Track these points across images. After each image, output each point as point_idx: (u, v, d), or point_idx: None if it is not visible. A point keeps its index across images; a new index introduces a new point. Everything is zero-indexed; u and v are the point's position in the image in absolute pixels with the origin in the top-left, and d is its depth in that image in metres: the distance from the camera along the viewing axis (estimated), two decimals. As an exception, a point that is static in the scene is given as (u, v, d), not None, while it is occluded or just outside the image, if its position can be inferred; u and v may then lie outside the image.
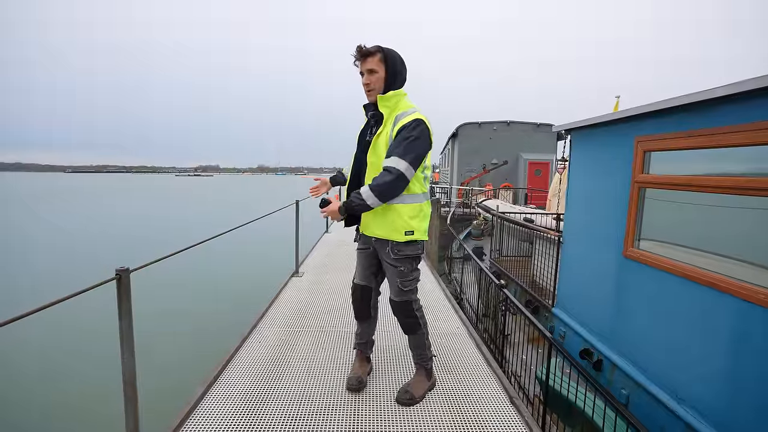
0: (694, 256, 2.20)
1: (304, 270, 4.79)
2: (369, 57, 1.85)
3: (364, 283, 2.16)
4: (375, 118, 1.96)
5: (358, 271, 2.18)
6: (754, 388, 1.76)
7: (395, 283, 2.02)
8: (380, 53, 1.86)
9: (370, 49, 1.85)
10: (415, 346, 2.15)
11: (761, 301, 1.72)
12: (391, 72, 1.88)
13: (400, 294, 2.03)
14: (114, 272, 1.51)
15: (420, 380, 2.15)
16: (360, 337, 2.28)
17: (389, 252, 1.96)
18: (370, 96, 1.93)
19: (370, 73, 1.87)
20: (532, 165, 16.32)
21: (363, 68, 1.88)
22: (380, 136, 1.90)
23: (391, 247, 1.95)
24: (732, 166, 2.02)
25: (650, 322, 2.45)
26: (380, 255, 2.03)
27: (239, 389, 2.17)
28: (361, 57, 1.86)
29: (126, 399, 1.57)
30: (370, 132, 1.99)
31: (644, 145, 2.55)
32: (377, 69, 1.86)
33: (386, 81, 1.89)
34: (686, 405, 2.10)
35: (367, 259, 2.12)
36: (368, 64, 1.86)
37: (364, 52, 1.85)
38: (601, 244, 3.00)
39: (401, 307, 2.05)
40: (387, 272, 2.05)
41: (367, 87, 1.90)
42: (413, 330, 2.11)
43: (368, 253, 2.10)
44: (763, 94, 1.73)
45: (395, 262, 1.97)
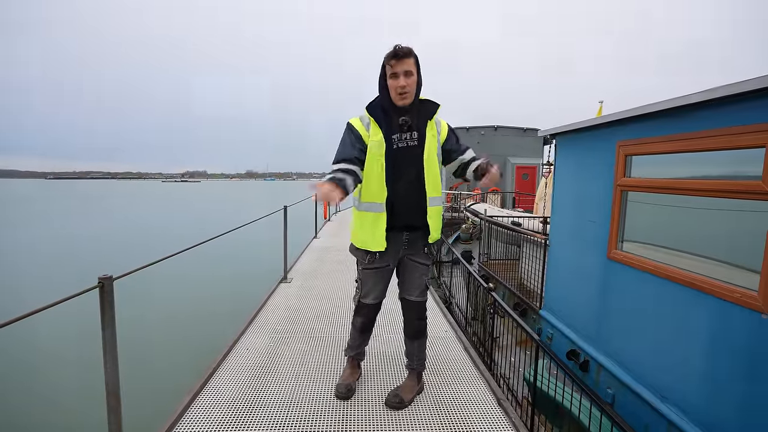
0: (675, 257, 2.26)
1: (293, 276, 4.76)
2: (407, 58, 1.73)
3: (380, 300, 2.08)
4: (407, 124, 1.82)
5: (376, 291, 2.03)
6: (734, 385, 1.81)
7: (423, 282, 2.03)
8: (414, 56, 1.76)
9: (410, 50, 1.74)
10: (419, 351, 2.12)
11: (738, 300, 1.78)
12: (420, 75, 1.81)
13: (424, 293, 2.06)
14: (97, 280, 1.49)
15: (412, 385, 2.15)
16: (359, 346, 2.22)
17: (429, 250, 2.01)
18: (404, 99, 1.78)
19: (407, 75, 1.74)
20: (520, 169, 16.55)
21: (399, 69, 1.73)
22: (430, 143, 1.86)
23: (429, 246, 2.00)
24: (709, 169, 2.08)
25: (634, 323, 2.50)
26: (407, 259, 1.99)
27: (227, 397, 2.14)
28: (400, 57, 1.72)
29: (109, 409, 1.54)
30: (400, 138, 1.84)
31: (626, 149, 2.61)
32: (413, 71, 1.76)
33: (418, 84, 1.81)
34: (669, 403, 2.14)
35: (385, 276, 2.03)
36: (406, 65, 1.73)
37: (404, 51, 1.72)
38: (586, 247, 3.06)
39: (422, 307, 2.08)
40: (413, 273, 2.01)
41: (402, 89, 1.75)
42: (424, 332, 2.11)
43: (387, 270, 2.02)
44: (735, 101, 1.79)
45: (428, 259, 2.03)
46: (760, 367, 1.69)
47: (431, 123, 1.89)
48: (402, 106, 1.80)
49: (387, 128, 1.83)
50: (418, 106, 1.84)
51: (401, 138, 1.84)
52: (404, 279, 2.05)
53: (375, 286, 2.02)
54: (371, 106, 1.87)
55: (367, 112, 1.87)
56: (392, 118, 1.83)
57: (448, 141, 1.96)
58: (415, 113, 1.84)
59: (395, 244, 1.94)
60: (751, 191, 1.72)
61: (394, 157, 1.83)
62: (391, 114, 1.83)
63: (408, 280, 2.03)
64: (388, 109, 1.83)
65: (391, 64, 1.74)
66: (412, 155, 1.84)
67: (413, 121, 1.83)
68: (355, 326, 2.16)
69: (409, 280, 2.02)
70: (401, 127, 1.83)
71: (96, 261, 12.54)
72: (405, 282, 2.05)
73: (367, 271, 2.00)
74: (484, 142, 17.06)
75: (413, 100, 1.81)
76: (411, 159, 1.85)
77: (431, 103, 1.90)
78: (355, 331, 2.17)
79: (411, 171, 1.85)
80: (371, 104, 1.88)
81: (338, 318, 3.40)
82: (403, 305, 2.09)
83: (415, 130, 1.84)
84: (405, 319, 2.11)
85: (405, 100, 1.79)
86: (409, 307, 2.06)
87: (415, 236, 1.95)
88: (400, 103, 1.79)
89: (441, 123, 1.97)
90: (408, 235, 1.94)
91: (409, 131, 1.84)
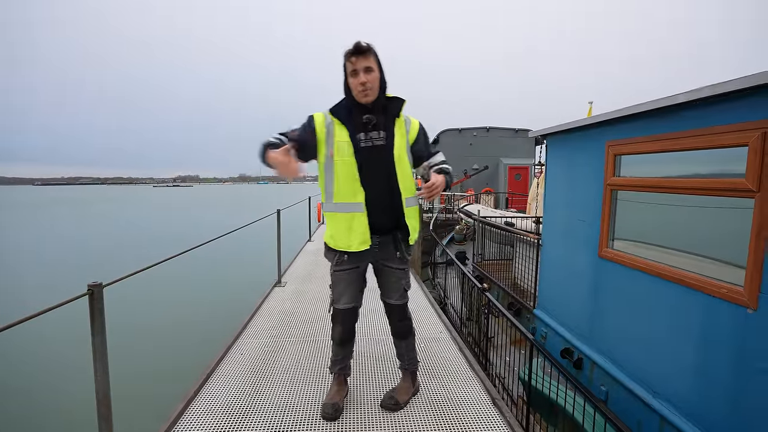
0: (665, 255, 2.29)
1: (287, 280, 4.74)
2: (367, 54, 1.69)
3: (354, 304, 1.99)
4: (372, 122, 1.78)
5: (348, 294, 1.96)
6: (724, 379, 1.83)
7: (400, 286, 1.98)
8: (374, 52, 1.72)
9: (369, 46, 1.70)
10: (407, 350, 2.11)
11: (725, 296, 1.81)
12: (382, 71, 1.76)
13: (404, 296, 2.01)
14: (86, 287, 1.48)
15: (407, 386, 2.15)
16: (342, 361, 2.10)
17: (402, 254, 1.92)
18: (366, 96, 1.72)
19: (368, 72, 1.70)
20: (512, 170, 16.67)
21: (359, 66, 1.69)
22: (398, 142, 1.80)
23: (405, 248, 1.92)
24: (697, 167, 2.12)
25: (626, 320, 2.53)
26: (381, 264, 1.94)
27: (221, 403, 2.13)
28: (360, 53, 1.68)
29: (100, 418, 1.53)
30: (366, 138, 1.79)
31: (615, 149, 2.65)
32: (374, 68, 1.71)
33: (381, 82, 1.75)
34: (661, 398, 2.17)
35: (359, 278, 1.97)
36: (366, 61, 1.69)
37: (364, 48, 1.68)
38: (578, 246, 3.09)
39: (404, 310, 2.04)
40: (389, 278, 1.96)
41: (363, 86, 1.70)
42: (410, 331, 2.09)
43: (359, 271, 1.96)
44: (718, 101, 1.83)
45: (403, 263, 1.96)
46: (747, 361, 1.72)
47: (399, 121, 1.83)
48: (365, 104, 1.75)
49: (352, 128, 1.78)
50: (383, 104, 1.79)
51: (367, 137, 1.78)
52: (381, 284, 2.03)
53: (346, 288, 1.94)
54: (335, 108, 1.82)
55: (330, 114, 1.81)
56: (356, 117, 1.78)
57: (416, 142, 1.89)
58: (379, 111, 1.78)
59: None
60: (735, 189, 1.76)
61: (362, 156, 1.77)
62: (354, 113, 1.78)
63: (385, 285, 2.00)
64: (353, 108, 1.78)
65: (351, 61, 1.70)
66: (381, 155, 1.78)
67: (378, 119, 1.77)
68: (334, 339, 2.06)
69: (386, 285, 1.99)
70: (365, 125, 1.77)
71: (86, 267, 12.39)
72: (383, 287, 2.02)
73: (337, 273, 1.94)
74: (476, 144, 17.18)
75: (377, 97, 1.75)
76: (379, 159, 1.78)
77: (397, 99, 1.84)
78: (335, 345, 2.07)
79: (381, 171, 1.79)
80: (335, 106, 1.83)
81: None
82: (385, 308, 2.07)
83: (382, 129, 1.79)
84: (389, 321, 2.10)
85: (367, 98, 1.73)
86: (390, 310, 2.05)
87: (386, 240, 1.88)
88: (363, 101, 1.74)
89: (411, 121, 1.89)
90: (378, 239, 1.85)
91: (375, 130, 1.78)
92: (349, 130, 1.77)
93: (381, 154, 1.78)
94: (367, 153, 1.77)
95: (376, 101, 1.76)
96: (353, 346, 2.14)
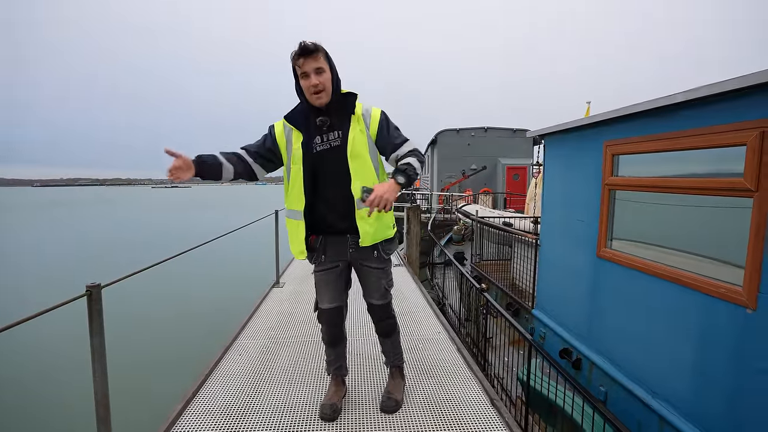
0: (664, 254, 2.30)
1: (285, 280, 4.74)
2: (315, 54, 1.62)
3: (336, 304, 1.97)
4: (326, 124, 1.73)
5: (328, 294, 1.95)
6: (721, 378, 1.84)
7: (381, 286, 1.94)
8: (323, 51, 1.66)
9: (317, 45, 1.63)
10: (393, 347, 2.11)
11: (722, 295, 1.81)
12: (334, 70, 1.71)
13: (385, 296, 1.98)
14: (84, 288, 1.47)
15: (399, 383, 2.16)
16: (336, 361, 2.10)
17: (379, 254, 1.88)
18: (319, 99, 1.67)
19: (318, 73, 1.64)
20: (510, 170, 16.68)
21: (308, 68, 1.63)
22: (354, 139, 1.73)
23: (382, 247, 1.87)
24: (696, 167, 2.12)
25: (624, 320, 2.53)
26: (359, 263, 1.92)
27: (219, 403, 2.12)
28: (307, 54, 1.62)
29: (98, 420, 1.52)
30: (322, 141, 1.75)
31: (613, 148, 2.65)
32: (325, 68, 1.66)
33: (333, 81, 1.70)
34: (660, 399, 2.17)
35: (339, 277, 1.95)
36: (315, 62, 1.63)
37: (310, 48, 1.61)
38: (576, 246, 3.09)
39: (386, 309, 2.01)
40: (369, 278, 1.93)
41: (315, 89, 1.64)
42: (393, 329, 2.07)
43: (339, 270, 1.93)
44: (716, 100, 1.83)
45: (382, 263, 1.91)
46: (746, 361, 1.72)
47: (356, 117, 1.76)
48: (320, 106, 1.70)
49: (307, 133, 1.75)
50: (339, 103, 1.74)
51: (324, 140, 1.75)
52: (363, 284, 1.99)
53: (326, 288, 1.94)
54: (290, 114, 1.78)
55: (286, 121, 1.78)
56: (312, 120, 1.74)
57: (380, 133, 1.79)
58: (334, 111, 1.73)
59: (339, 246, 1.87)
60: (733, 188, 1.76)
61: (314, 162, 1.75)
62: (311, 117, 1.74)
63: (366, 285, 1.97)
64: (309, 112, 1.75)
65: (299, 64, 1.63)
66: (336, 156, 1.74)
67: (333, 119, 1.73)
68: (324, 339, 2.06)
69: (367, 284, 1.96)
70: (320, 128, 1.74)
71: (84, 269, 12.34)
72: (364, 286, 1.99)
73: (317, 274, 1.95)
74: (474, 144, 17.19)
75: (332, 98, 1.70)
76: (334, 161, 1.74)
77: (350, 95, 1.77)
78: (326, 346, 2.08)
79: (335, 173, 1.74)
80: (290, 112, 1.79)
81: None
82: (368, 308, 2.05)
83: (338, 129, 1.74)
84: (372, 319, 2.08)
85: (321, 100, 1.68)
86: (372, 310, 2.03)
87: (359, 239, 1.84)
88: (317, 104, 1.69)
89: (371, 114, 1.79)
90: (354, 238, 1.82)
91: (331, 131, 1.74)
92: (305, 135, 1.75)
93: (336, 155, 1.74)
94: (322, 156, 1.75)
95: (331, 101, 1.71)
96: (345, 346, 2.14)
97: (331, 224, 1.83)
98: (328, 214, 1.82)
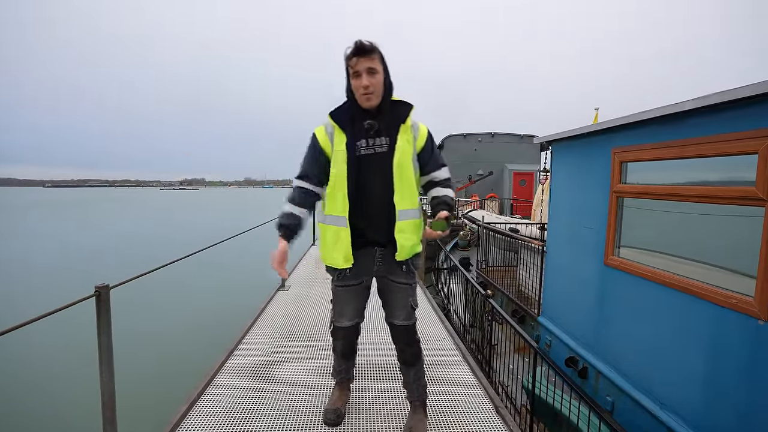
0: (672, 263, 2.27)
1: (290, 283, 4.75)
2: (370, 54, 1.56)
3: (357, 320, 1.86)
4: (374, 128, 1.65)
5: (349, 311, 1.83)
6: (733, 391, 1.80)
7: (407, 304, 1.78)
8: (379, 52, 1.59)
9: (373, 46, 1.56)
10: (416, 378, 1.89)
11: (734, 306, 1.78)
12: (388, 73, 1.64)
13: (411, 315, 1.81)
14: (93, 289, 1.49)
15: (422, 421, 1.88)
16: (345, 372, 2.04)
17: (408, 267, 1.76)
18: (369, 101, 1.60)
19: (371, 74, 1.57)
20: (517, 175, 16.61)
21: (361, 67, 1.56)
22: (402, 148, 1.64)
23: (412, 261, 1.76)
24: (706, 174, 2.10)
25: (632, 329, 2.50)
26: (386, 279, 1.79)
27: (223, 406, 2.12)
28: (362, 54, 1.55)
29: (104, 420, 1.53)
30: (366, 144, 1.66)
31: (621, 156, 2.63)
32: (378, 69, 1.59)
33: (386, 84, 1.63)
34: (668, 410, 2.14)
35: (362, 294, 1.83)
36: (370, 62, 1.56)
37: (366, 47, 1.55)
38: (584, 253, 3.07)
39: (412, 332, 1.83)
40: (395, 295, 1.78)
41: (366, 90, 1.57)
42: (418, 358, 1.89)
43: (362, 287, 1.82)
44: (727, 108, 1.82)
45: (410, 278, 1.78)
46: (758, 373, 1.69)
47: (405, 127, 1.68)
48: (369, 108, 1.63)
49: (351, 134, 1.66)
50: (389, 109, 1.66)
51: (368, 144, 1.66)
52: (386, 302, 1.83)
53: (347, 305, 1.82)
54: (335, 112, 1.70)
55: (331, 118, 1.70)
56: (358, 122, 1.66)
57: (423, 150, 1.73)
58: (384, 116, 1.65)
59: (366, 259, 1.75)
60: (744, 197, 1.74)
61: (358, 165, 1.64)
62: (357, 118, 1.66)
63: (390, 303, 1.81)
64: (355, 113, 1.66)
65: (353, 63, 1.57)
66: (380, 163, 1.65)
67: (381, 124, 1.65)
68: (336, 352, 1.97)
69: (392, 302, 1.80)
70: (367, 131, 1.65)
71: (93, 269, 12.47)
72: (388, 305, 1.82)
73: (338, 288, 1.81)
74: (481, 149, 17.15)
75: (382, 101, 1.64)
76: (378, 167, 1.65)
77: (404, 104, 1.70)
78: (337, 357, 1.99)
79: (377, 180, 1.65)
80: (336, 109, 1.71)
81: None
82: (391, 331, 1.87)
83: (385, 135, 1.66)
84: (395, 345, 1.89)
85: (371, 102, 1.61)
86: (396, 333, 1.84)
87: (388, 252, 1.73)
88: (366, 105, 1.62)
89: (420, 127, 1.73)
90: (382, 251, 1.73)
91: (378, 136, 1.66)
92: (348, 136, 1.66)
93: (381, 161, 1.65)
94: (365, 161, 1.66)
95: (381, 105, 1.64)
96: (356, 356, 2.08)
97: (363, 234, 1.71)
98: (362, 223, 1.70)
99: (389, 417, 2.05)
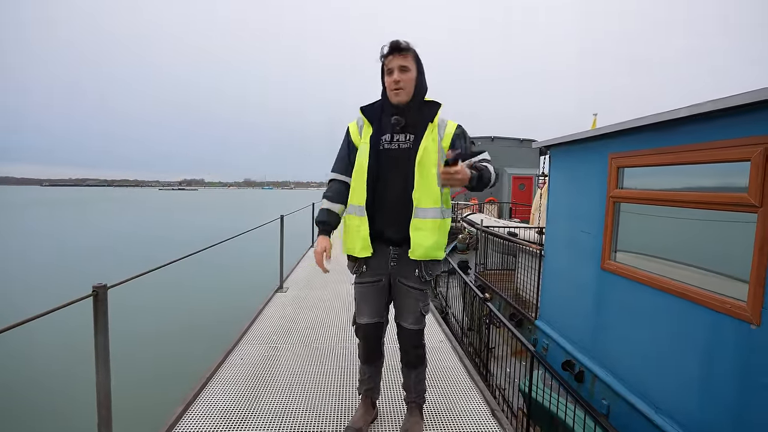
0: (668, 268, 2.28)
1: (289, 285, 4.75)
2: (404, 53, 1.63)
3: (377, 319, 1.84)
4: (400, 124, 1.68)
5: (369, 309, 1.82)
6: (727, 395, 1.82)
7: (417, 309, 1.78)
8: (414, 51, 1.66)
9: (408, 45, 1.64)
10: (417, 381, 1.91)
11: (728, 311, 1.80)
12: (421, 73, 1.70)
13: (420, 321, 1.81)
14: (91, 288, 1.49)
15: (418, 422, 1.92)
16: (369, 381, 1.95)
17: (422, 274, 1.74)
18: (397, 96, 1.65)
19: (402, 71, 1.63)
20: (516, 179, 16.66)
21: (394, 64, 1.63)
22: (427, 147, 1.65)
23: (426, 267, 1.74)
24: (701, 180, 2.12)
25: (628, 333, 2.51)
26: (398, 280, 1.78)
27: (219, 408, 2.12)
28: (396, 52, 1.62)
29: (100, 419, 1.53)
30: (390, 139, 1.70)
31: (618, 161, 2.65)
32: (411, 67, 1.65)
33: (417, 82, 1.68)
34: (663, 414, 2.15)
35: (380, 293, 1.81)
36: (403, 60, 1.63)
37: (401, 46, 1.62)
38: (581, 257, 3.08)
39: (418, 336, 1.84)
40: (405, 298, 1.78)
41: (396, 85, 1.63)
42: (421, 362, 1.90)
43: (381, 285, 1.80)
44: (720, 116, 1.84)
45: (424, 285, 1.77)
46: (751, 377, 1.70)
47: (433, 125, 1.69)
48: (397, 104, 1.67)
49: (378, 128, 1.71)
50: (418, 106, 1.70)
51: (392, 139, 1.70)
52: (397, 304, 1.84)
53: (365, 302, 1.83)
54: (366, 107, 1.76)
55: (361, 112, 1.76)
56: (385, 117, 1.71)
57: (451, 146, 1.69)
58: (413, 113, 1.68)
59: (382, 258, 1.76)
60: (737, 203, 1.76)
61: (378, 159, 1.68)
62: (385, 113, 1.72)
63: (401, 306, 1.82)
64: (385, 108, 1.72)
65: (387, 61, 1.65)
66: (401, 159, 1.67)
67: (408, 121, 1.68)
68: (359, 355, 1.95)
69: (402, 305, 1.81)
70: (393, 126, 1.68)
71: (91, 269, 12.45)
72: (398, 307, 1.84)
73: (357, 286, 1.84)
74: (480, 153, 17.18)
75: (411, 98, 1.68)
76: (399, 163, 1.67)
77: (434, 103, 1.74)
78: (361, 363, 1.96)
79: (397, 176, 1.67)
80: (368, 104, 1.77)
81: (333, 328, 3.39)
82: (398, 331, 1.88)
83: (411, 133, 1.68)
84: (400, 346, 1.90)
85: (399, 97, 1.65)
86: (403, 335, 1.85)
87: (403, 253, 1.73)
88: (395, 100, 1.67)
89: (448, 125, 1.73)
90: (396, 250, 1.74)
91: (403, 132, 1.69)
92: (374, 130, 1.72)
93: (402, 157, 1.67)
94: (385, 155, 1.69)
95: (410, 102, 1.68)
96: (381, 365, 1.98)
97: (380, 230, 1.73)
98: (379, 218, 1.72)
99: (389, 417, 2.06)
